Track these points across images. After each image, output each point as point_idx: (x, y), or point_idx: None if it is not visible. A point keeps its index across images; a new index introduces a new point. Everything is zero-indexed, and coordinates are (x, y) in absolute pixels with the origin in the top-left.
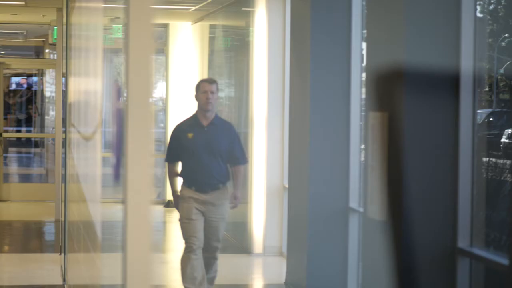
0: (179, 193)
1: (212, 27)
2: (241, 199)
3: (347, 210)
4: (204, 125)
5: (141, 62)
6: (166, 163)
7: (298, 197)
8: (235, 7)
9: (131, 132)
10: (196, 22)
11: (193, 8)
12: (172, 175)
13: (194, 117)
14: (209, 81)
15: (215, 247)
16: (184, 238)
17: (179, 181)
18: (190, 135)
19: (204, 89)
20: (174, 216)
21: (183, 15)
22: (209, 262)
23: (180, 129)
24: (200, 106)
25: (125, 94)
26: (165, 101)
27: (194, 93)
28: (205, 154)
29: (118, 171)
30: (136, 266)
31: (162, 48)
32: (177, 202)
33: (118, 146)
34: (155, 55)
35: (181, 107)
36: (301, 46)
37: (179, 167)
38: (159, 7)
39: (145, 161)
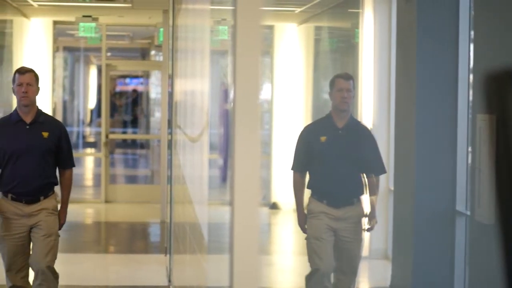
0: (305, 209)
1: (317, 28)
2: (377, 220)
3: (454, 213)
4: (338, 127)
5: (248, 64)
6: (292, 173)
7: (404, 200)
8: (341, 8)
9: (238, 134)
10: (301, 24)
11: (299, 9)
12: (299, 186)
13: (327, 118)
14: (345, 77)
15: (349, 272)
16: (310, 260)
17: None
18: (323, 138)
19: (339, 87)
20: (280, 218)
21: (288, 17)
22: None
23: (311, 131)
24: (334, 106)
25: (232, 96)
26: (270, 103)
27: (328, 90)
28: (340, 161)
29: (225, 173)
30: (243, 268)
31: (267, 50)
32: (302, 218)
33: (225, 148)
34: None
35: (287, 109)
36: (407, 47)
37: (307, 177)
38: (266, 9)
39: (252, 163)
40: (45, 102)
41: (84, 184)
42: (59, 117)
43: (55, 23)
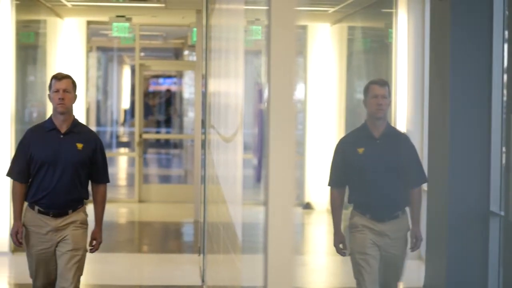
0: (342, 227)
1: (350, 28)
2: (422, 237)
3: (488, 213)
4: (375, 137)
5: (283, 64)
6: (329, 189)
7: (438, 200)
8: (374, 8)
9: (273, 134)
10: (335, 24)
11: (332, 9)
12: (338, 203)
13: (363, 128)
14: (380, 83)
15: (393, 287)
16: (356, 277)
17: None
18: (360, 150)
19: (374, 93)
20: (313, 218)
21: (322, 17)
22: None
23: (347, 143)
24: (370, 114)
25: (266, 96)
26: (303, 103)
27: (363, 97)
28: (380, 172)
29: (259, 173)
30: (278, 268)
31: (300, 50)
32: (338, 239)
33: (259, 148)
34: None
35: (320, 109)
36: (441, 47)
37: (345, 192)
38: (299, 9)
39: (287, 163)
40: (79, 102)
41: (118, 184)
42: (92, 118)
43: (89, 23)
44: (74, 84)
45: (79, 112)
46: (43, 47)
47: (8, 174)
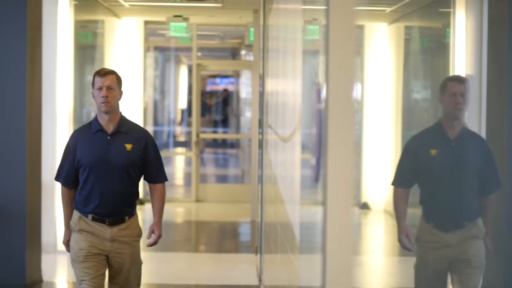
0: (407, 232)
1: (407, 28)
2: (492, 248)
3: None
4: (450, 138)
5: (341, 64)
6: (393, 188)
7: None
8: (431, 8)
9: (331, 133)
10: (392, 23)
11: (389, 9)
12: (402, 202)
13: (437, 127)
14: (458, 79)
15: None
16: None
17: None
18: (433, 151)
19: (452, 91)
20: (370, 218)
21: (379, 16)
22: None
23: (419, 142)
24: (446, 113)
25: (325, 96)
26: (360, 102)
27: (438, 95)
28: (452, 178)
29: (318, 173)
30: (336, 268)
31: (357, 50)
32: (404, 229)
33: (318, 147)
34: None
35: (377, 109)
36: (499, 46)
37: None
38: (358, 9)
39: (345, 162)
40: (137, 102)
41: (175, 183)
42: (150, 117)
43: (146, 23)
44: (119, 80)
45: (137, 112)
46: (101, 47)
47: (56, 178)
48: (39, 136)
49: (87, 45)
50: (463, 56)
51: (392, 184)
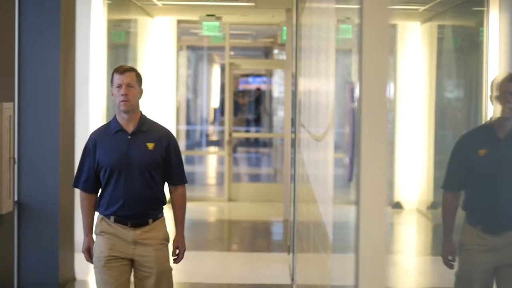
0: (452, 250)
1: (440, 27)
2: None
3: None
4: (500, 139)
5: (375, 63)
6: (443, 192)
7: None
8: (464, 7)
9: (365, 132)
10: (425, 22)
11: (422, 8)
12: (451, 208)
13: (487, 127)
14: (510, 78)
15: None
16: None
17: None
18: (482, 152)
19: (504, 89)
20: (403, 217)
21: (412, 15)
22: None
23: (467, 143)
24: (497, 112)
25: (358, 95)
26: (393, 102)
27: (489, 92)
28: (501, 179)
29: (351, 172)
30: (369, 267)
31: (390, 49)
32: (448, 249)
33: (351, 147)
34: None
35: (410, 108)
36: None
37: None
38: (392, 8)
39: (379, 162)
40: (170, 101)
41: (208, 183)
42: (182, 116)
43: (179, 22)
44: (139, 78)
45: (170, 111)
46: (134, 46)
47: (74, 185)
48: (72, 137)
49: (120, 44)
50: (497, 55)
51: (442, 187)
